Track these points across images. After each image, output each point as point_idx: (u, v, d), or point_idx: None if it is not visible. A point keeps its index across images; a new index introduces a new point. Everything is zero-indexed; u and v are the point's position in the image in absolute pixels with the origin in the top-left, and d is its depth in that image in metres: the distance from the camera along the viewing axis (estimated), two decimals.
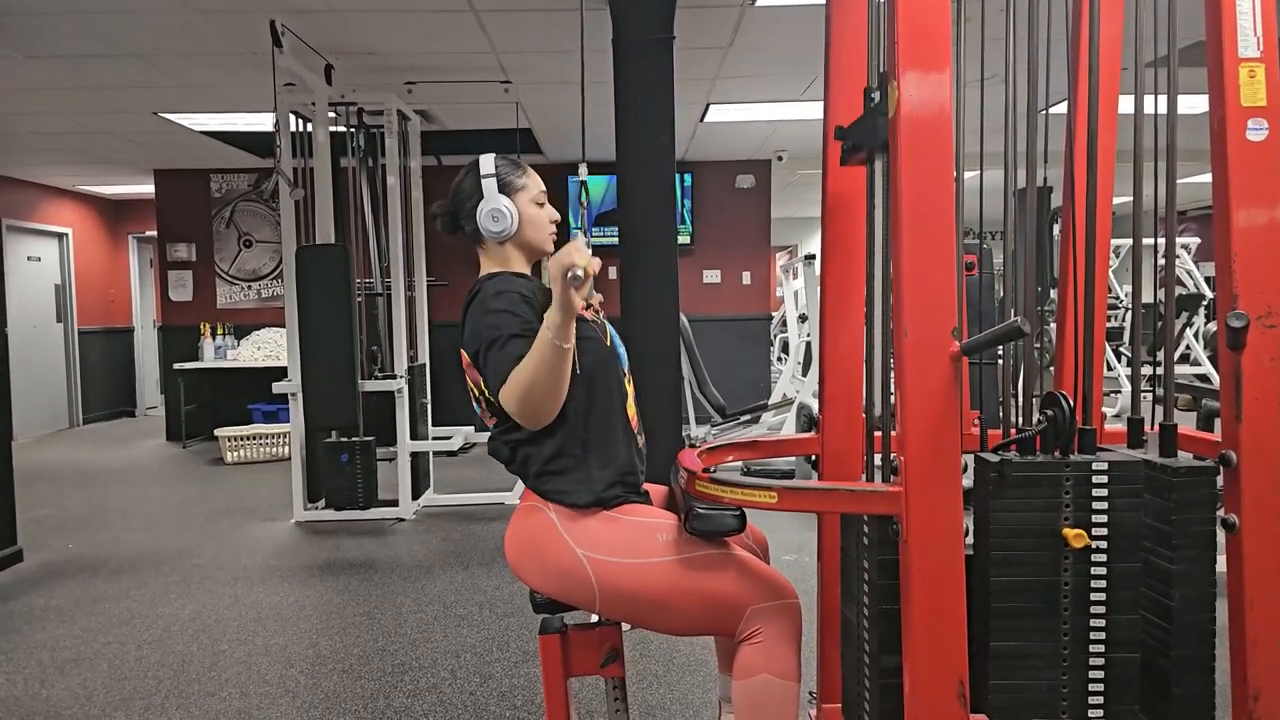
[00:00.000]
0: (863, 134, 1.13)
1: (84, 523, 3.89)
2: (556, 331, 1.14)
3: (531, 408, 1.19)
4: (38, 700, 2.10)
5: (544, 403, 1.19)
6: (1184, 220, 8.08)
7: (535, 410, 1.19)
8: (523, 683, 2.15)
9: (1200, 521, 1.07)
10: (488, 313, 1.25)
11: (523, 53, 3.72)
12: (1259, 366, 1.07)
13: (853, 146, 1.16)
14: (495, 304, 1.26)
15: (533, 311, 1.26)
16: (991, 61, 1.49)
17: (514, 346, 1.21)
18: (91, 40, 3.39)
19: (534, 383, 1.17)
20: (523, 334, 1.22)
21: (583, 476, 1.28)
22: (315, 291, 3.58)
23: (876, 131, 1.09)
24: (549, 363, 1.15)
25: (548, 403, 1.19)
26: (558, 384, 1.18)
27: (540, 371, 1.16)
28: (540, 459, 1.29)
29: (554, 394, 1.18)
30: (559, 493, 1.29)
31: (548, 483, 1.29)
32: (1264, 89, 1.07)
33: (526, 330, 1.22)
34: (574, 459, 1.29)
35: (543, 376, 1.16)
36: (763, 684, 1.19)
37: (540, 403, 1.18)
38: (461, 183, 1.40)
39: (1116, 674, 1.07)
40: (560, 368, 1.17)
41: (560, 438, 1.29)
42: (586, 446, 1.29)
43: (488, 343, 1.24)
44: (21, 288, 6.48)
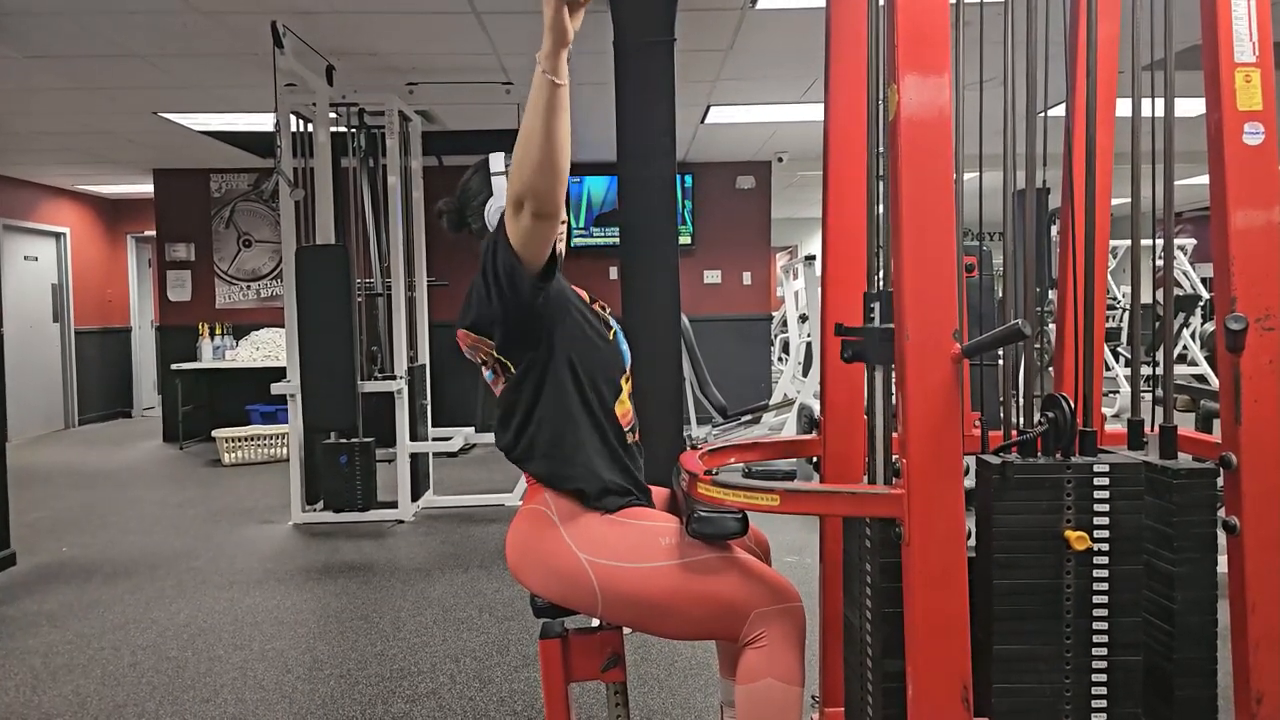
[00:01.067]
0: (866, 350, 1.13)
1: (78, 525, 3.87)
2: (547, 61, 1.03)
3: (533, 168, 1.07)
4: (29, 707, 2.09)
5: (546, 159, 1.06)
6: (1180, 221, 8.12)
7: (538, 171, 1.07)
8: (523, 688, 2.14)
9: (1201, 524, 1.07)
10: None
11: (524, 54, 3.72)
12: (1258, 369, 1.07)
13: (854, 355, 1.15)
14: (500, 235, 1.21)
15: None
16: (990, 64, 1.50)
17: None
18: (92, 40, 3.39)
19: (531, 133, 1.05)
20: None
21: (584, 461, 1.28)
22: (315, 292, 3.58)
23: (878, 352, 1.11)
24: (544, 104, 1.04)
25: (550, 159, 1.07)
26: (557, 132, 1.06)
27: (536, 117, 1.05)
28: (543, 441, 1.29)
29: (555, 144, 1.06)
30: (562, 477, 1.28)
31: (551, 464, 1.28)
32: (1260, 93, 1.08)
33: None
34: (574, 442, 1.28)
35: (540, 122, 1.05)
36: (766, 688, 1.19)
37: (542, 159, 1.06)
38: (469, 180, 1.39)
39: (1119, 677, 1.07)
40: (557, 110, 1.05)
41: (559, 421, 1.28)
42: (583, 433, 1.29)
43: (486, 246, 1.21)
44: (18, 287, 6.47)
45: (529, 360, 1.28)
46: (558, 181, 1.10)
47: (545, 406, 1.29)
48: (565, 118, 1.07)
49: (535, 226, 1.14)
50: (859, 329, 1.17)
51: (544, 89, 1.05)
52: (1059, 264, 1.36)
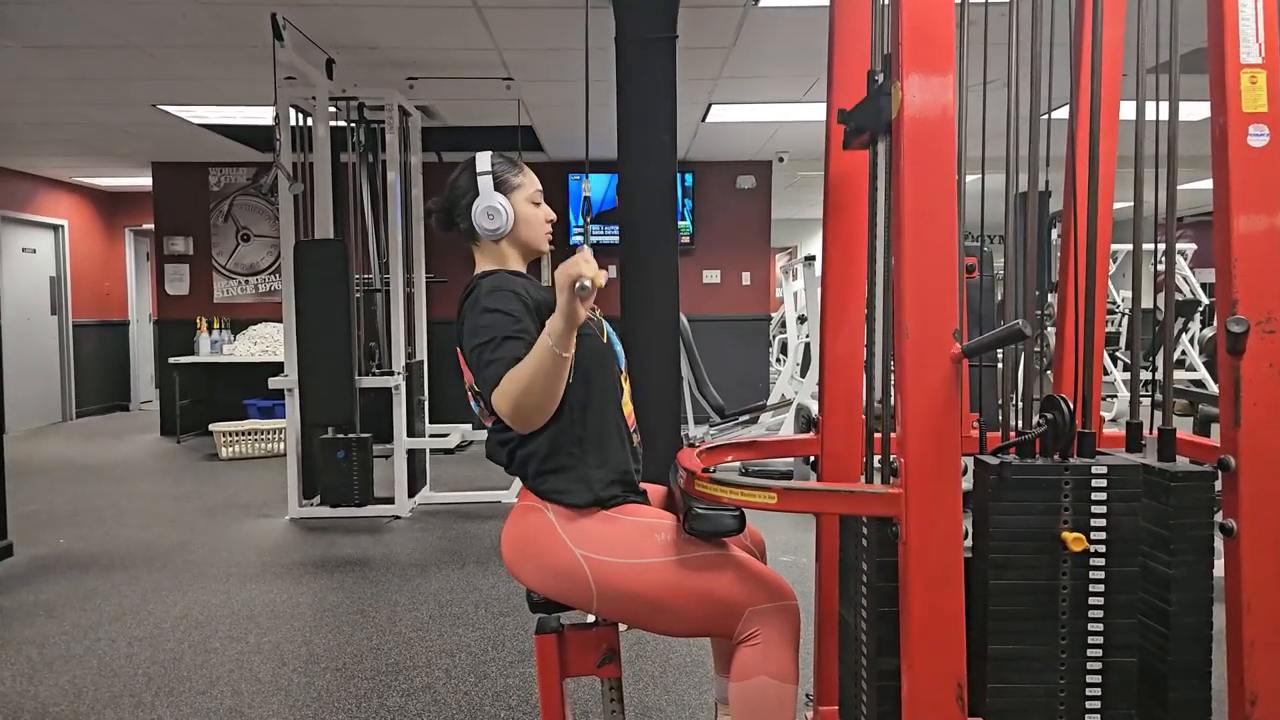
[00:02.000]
0: (866, 116, 1.12)
1: (75, 518, 3.87)
2: (557, 340, 1.14)
3: (524, 413, 1.18)
4: (26, 697, 2.09)
5: (538, 409, 1.18)
6: (1181, 226, 8.13)
7: (528, 415, 1.19)
8: (518, 683, 2.14)
9: (1198, 526, 1.07)
10: (482, 311, 1.25)
11: (525, 50, 3.72)
12: (1258, 372, 1.07)
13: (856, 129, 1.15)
14: (489, 302, 1.25)
15: (527, 311, 1.26)
16: (994, 66, 1.50)
17: (506, 348, 1.20)
18: (91, 31, 3.38)
19: (529, 388, 1.16)
20: (516, 335, 1.21)
21: (580, 475, 1.28)
22: (313, 287, 3.57)
23: (880, 113, 1.08)
24: (547, 370, 1.15)
25: (541, 409, 1.19)
26: (552, 392, 1.17)
27: (537, 378, 1.15)
28: (538, 459, 1.29)
29: (548, 401, 1.18)
30: (557, 492, 1.28)
31: (546, 482, 1.29)
32: (1265, 95, 1.08)
33: (520, 332, 1.22)
34: (571, 457, 1.28)
35: (539, 383, 1.16)
36: (760, 686, 1.19)
37: (534, 408, 1.18)
38: (457, 180, 1.39)
39: (1114, 678, 1.07)
40: (558, 376, 1.16)
41: (556, 436, 1.28)
42: (583, 445, 1.29)
43: (482, 343, 1.23)
44: (16, 280, 6.45)
45: None
46: (545, 418, 1.21)
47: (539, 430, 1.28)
48: (563, 379, 1.19)
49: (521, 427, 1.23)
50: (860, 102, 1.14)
51: (549, 358, 1.15)
52: (1060, 267, 1.36)
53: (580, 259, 1.13)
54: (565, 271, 1.12)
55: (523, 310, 1.25)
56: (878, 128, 1.11)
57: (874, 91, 1.11)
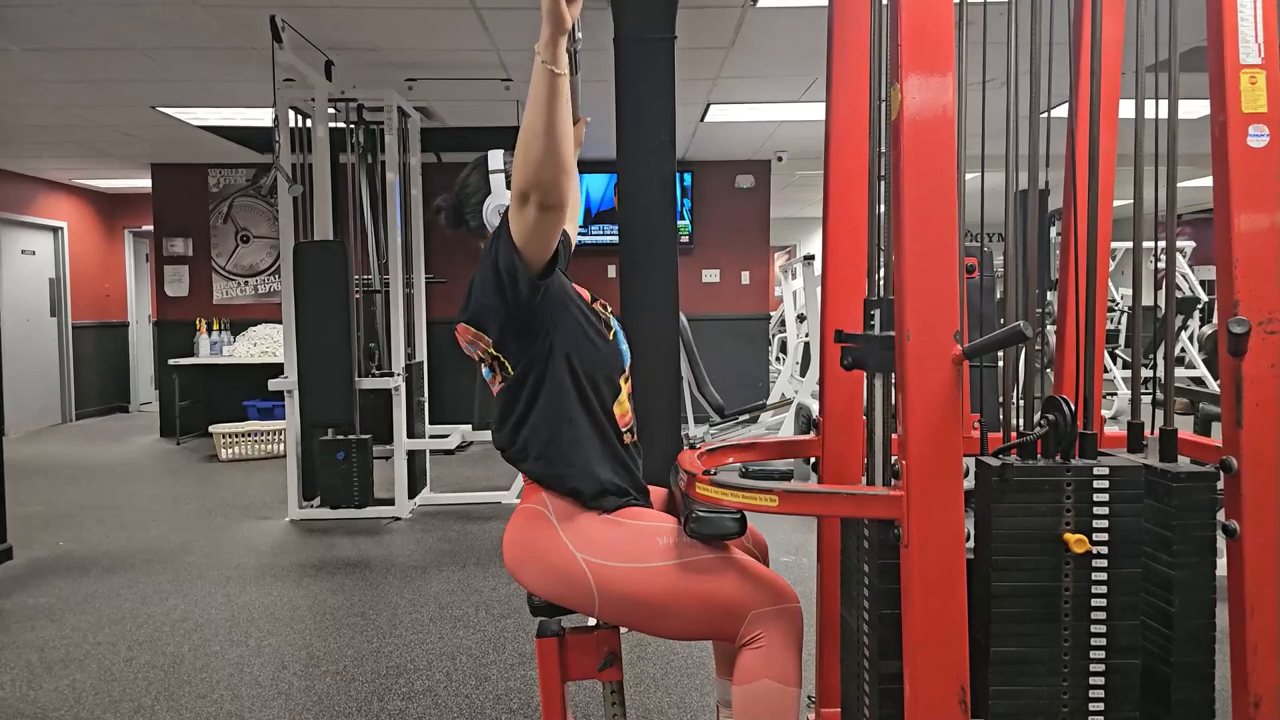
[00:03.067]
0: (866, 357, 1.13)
1: (75, 520, 3.86)
2: (546, 50, 1.04)
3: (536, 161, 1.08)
4: (25, 701, 2.08)
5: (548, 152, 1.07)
6: (1180, 224, 8.12)
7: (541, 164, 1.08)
8: (519, 686, 2.14)
9: (1201, 527, 1.06)
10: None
11: (524, 50, 3.71)
12: (1260, 372, 1.06)
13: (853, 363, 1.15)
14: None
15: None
16: (993, 64, 1.49)
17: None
18: (90, 33, 3.37)
19: (534, 127, 1.06)
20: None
21: (580, 461, 1.27)
22: (313, 288, 3.57)
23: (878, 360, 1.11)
24: (545, 98, 1.05)
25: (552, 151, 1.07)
26: (558, 122, 1.06)
27: (539, 110, 1.05)
28: (539, 441, 1.28)
29: (556, 136, 1.07)
30: (558, 477, 1.27)
31: (548, 465, 1.28)
32: (1265, 95, 1.07)
33: None
34: (571, 443, 1.28)
35: (541, 114, 1.05)
36: (763, 689, 1.18)
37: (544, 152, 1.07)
38: (468, 178, 1.39)
39: (1117, 680, 1.07)
40: (557, 99, 1.05)
41: (556, 421, 1.27)
42: (581, 433, 1.28)
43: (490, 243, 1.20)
44: (15, 281, 6.45)
45: (527, 359, 1.27)
46: (562, 172, 1.10)
47: (542, 406, 1.28)
48: (567, 107, 1.07)
49: (540, 219, 1.13)
50: (858, 335, 1.16)
51: (544, 79, 1.05)
52: (1060, 265, 1.36)
53: None
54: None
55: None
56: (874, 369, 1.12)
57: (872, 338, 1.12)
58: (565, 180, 1.11)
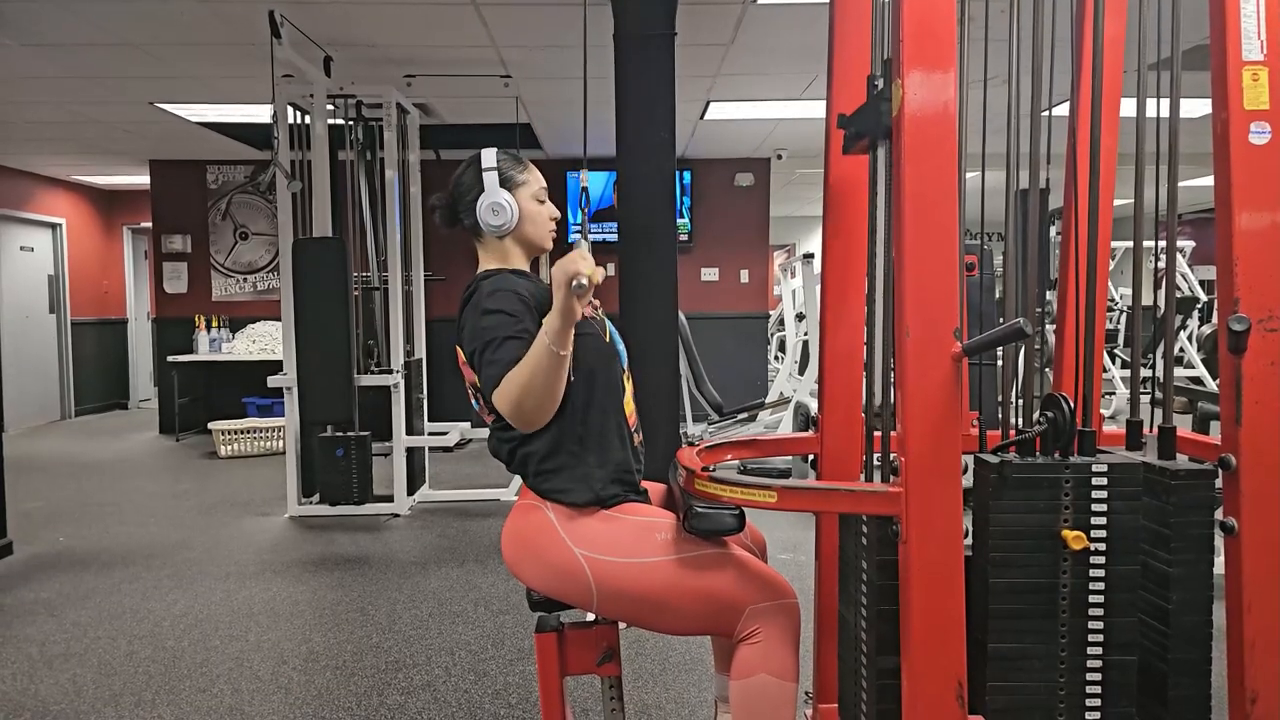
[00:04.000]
0: (866, 121, 1.12)
1: (75, 516, 3.86)
2: (554, 338, 1.14)
3: (525, 413, 1.19)
4: (26, 695, 2.09)
5: (538, 408, 1.19)
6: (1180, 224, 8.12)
7: (529, 415, 1.19)
8: (518, 681, 2.14)
9: (1198, 524, 1.07)
10: (483, 313, 1.25)
11: (523, 47, 3.71)
12: (1259, 370, 1.06)
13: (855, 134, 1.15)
14: (490, 303, 1.25)
15: (528, 311, 1.25)
16: (994, 62, 1.49)
17: (507, 349, 1.20)
18: (88, 29, 3.36)
19: (529, 388, 1.17)
20: (517, 336, 1.21)
21: (581, 474, 1.28)
22: (311, 285, 3.57)
23: (880, 119, 1.08)
24: (545, 369, 1.15)
25: (541, 408, 1.19)
26: (552, 390, 1.18)
27: (536, 377, 1.16)
28: (538, 457, 1.29)
29: (548, 400, 1.18)
30: (558, 491, 1.28)
31: (546, 481, 1.29)
32: (1267, 93, 1.07)
33: (521, 332, 1.21)
34: (571, 455, 1.28)
35: (538, 382, 1.16)
36: (760, 684, 1.19)
37: (534, 408, 1.18)
38: (462, 176, 1.39)
39: (1114, 676, 1.07)
40: (556, 374, 1.16)
41: (557, 435, 1.28)
42: (584, 444, 1.28)
43: (482, 344, 1.23)
44: (14, 278, 6.44)
45: None
46: (546, 418, 1.21)
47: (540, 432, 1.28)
48: (563, 378, 1.19)
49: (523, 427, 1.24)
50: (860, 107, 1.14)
51: (548, 357, 1.15)
52: (1060, 264, 1.36)
53: (577, 255, 1.12)
54: (562, 268, 1.12)
55: (524, 310, 1.25)
56: (877, 133, 1.11)
57: (873, 97, 1.11)
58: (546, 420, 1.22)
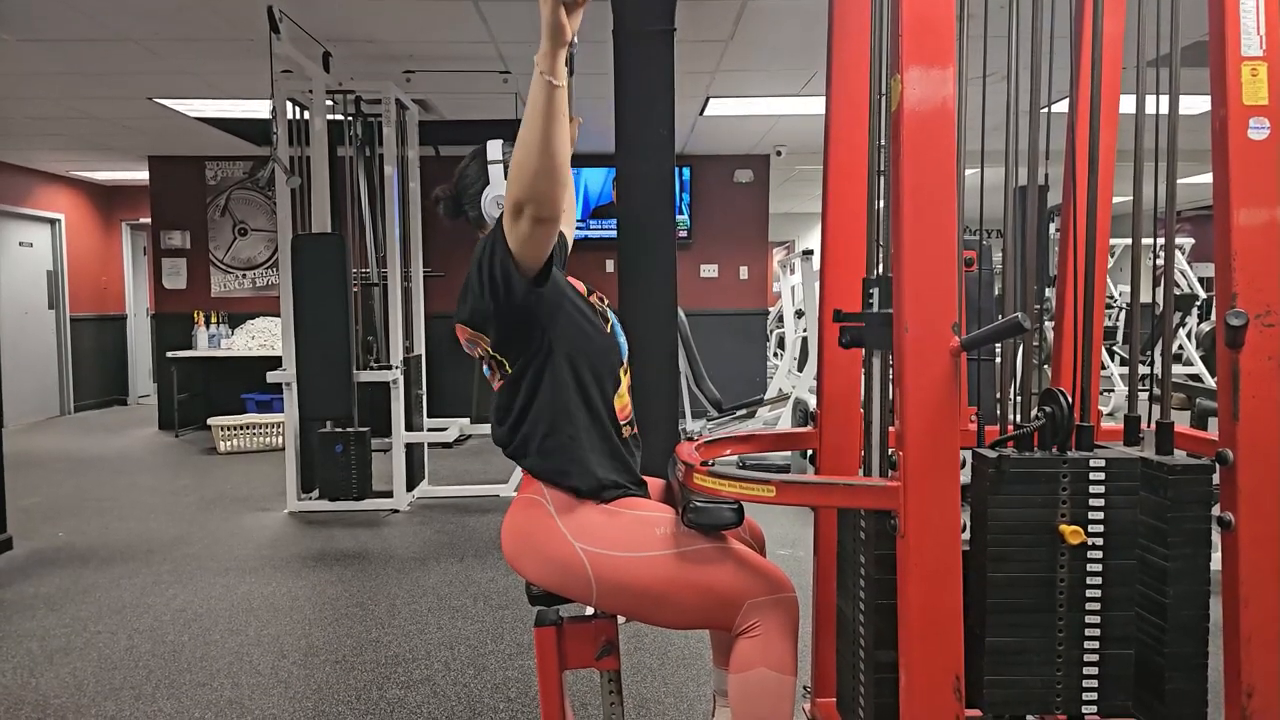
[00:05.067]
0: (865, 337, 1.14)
1: (74, 511, 3.87)
2: (544, 62, 1.03)
3: (532, 174, 1.06)
4: (27, 689, 2.09)
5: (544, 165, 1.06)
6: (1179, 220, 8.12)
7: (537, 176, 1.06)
8: (517, 675, 2.15)
9: (1196, 519, 1.07)
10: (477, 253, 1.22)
11: (522, 42, 3.70)
12: (1257, 365, 1.07)
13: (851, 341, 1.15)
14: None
15: None
16: (994, 59, 1.49)
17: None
18: (87, 24, 3.36)
19: (531, 141, 1.05)
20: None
21: (579, 457, 1.28)
22: (310, 281, 3.56)
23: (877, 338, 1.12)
24: (543, 108, 1.04)
25: (548, 165, 1.06)
26: (555, 135, 1.05)
27: (536, 123, 1.04)
28: (539, 436, 1.28)
29: (553, 149, 1.05)
30: (558, 473, 1.28)
31: (547, 460, 1.28)
32: (1266, 88, 1.07)
33: None
34: (571, 439, 1.28)
35: (538, 127, 1.04)
36: (759, 677, 1.19)
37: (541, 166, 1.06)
38: (466, 168, 1.39)
39: (1111, 670, 1.08)
40: (555, 112, 1.04)
41: (555, 416, 1.28)
42: (581, 428, 1.28)
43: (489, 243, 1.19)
44: (13, 274, 6.43)
45: (525, 357, 1.28)
46: (558, 185, 1.09)
47: (541, 403, 1.28)
48: (564, 120, 1.07)
49: (535, 230, 1.13)
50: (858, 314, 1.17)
51: (542, 91, 1.04)
52: (1058, 261, 1.36)
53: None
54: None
55: None
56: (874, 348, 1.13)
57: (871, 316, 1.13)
58: (561, 192, 1.10)
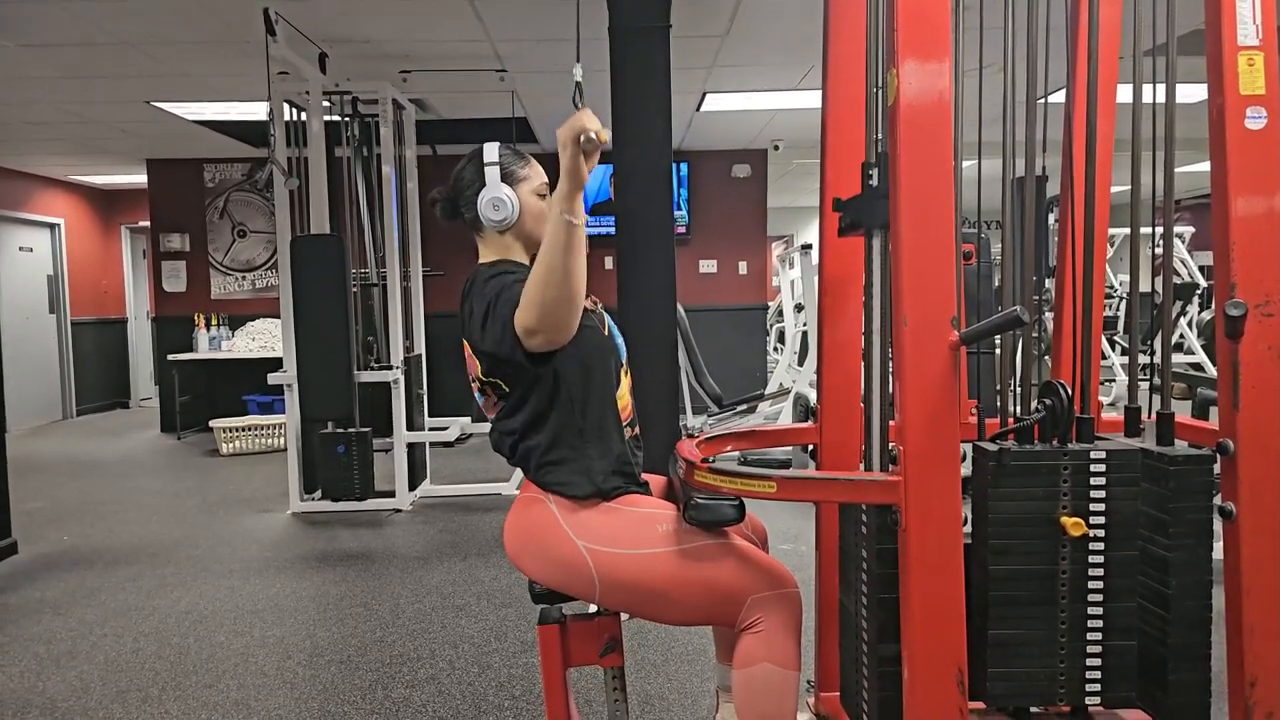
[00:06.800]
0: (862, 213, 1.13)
1: (78, 514, 3.88)
2: (565, 204, 1.07)
3: (552, 309, 1.10)
4: (34, 693, 2.10)
5: (565, 300, 1.09)
6: (1179, 209, 8.11)
7: (557, 311, 1.10)
8: (521, 673, 2.15)
9: (1197, 510, 1.07)
10: (486, 281, 1.24)
11: (518, 41, 3.69)
12: (1256, 355, 1.07)
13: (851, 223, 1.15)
14: (492, 281, 1.25)
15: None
16: (990, 50, 1.49)
17: (518, 289, 1.17)
18: (84, 28, 3.35)
19: (549, 275, 1.08)
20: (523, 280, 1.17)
21: (582, 467, 1.28)
22: (310, 282, 3.57)
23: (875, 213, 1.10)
24: (563, 245, 1.07)
25: (567, 296, 1.09)
26: (575, 270, 1.09)
27: (555, 259, 1.07)
28: (540, 451, 1.29)
29: (573, 284, 1.09)
30: (559, 484, 1.29)
31: (549, 474, 1.29)
32: (1263, 77, 1.07)
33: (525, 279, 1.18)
34: (572, 449, 1.29)
35: (558, 263, 1.07)
36: (763, 673, 1.19)
37: (560, 300, 1.09)
38: (463, 170, 1.39)
39: (1113, 661, 1.08)
40: (575, 249, 1.08)
41: (556, 428, 1.28)
42: (584, 436, 1.29)
43: (494, 295, 1.20)
44: (13, 279, 6.44)
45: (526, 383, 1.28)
46: (574, 314, 1.12)
47: (541, 422, 1.29)
48: (583, 254, 1.11)
49: (545, 347, 1.16)
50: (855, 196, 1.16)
51: (563, 230, 1.08)
52: (1057, 252, 1.36)
53: (584, 114, 1.06)
54: (568, 126, 1.05)
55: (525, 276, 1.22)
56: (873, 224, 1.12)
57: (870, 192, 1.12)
58: (576, 319, 1.13)
